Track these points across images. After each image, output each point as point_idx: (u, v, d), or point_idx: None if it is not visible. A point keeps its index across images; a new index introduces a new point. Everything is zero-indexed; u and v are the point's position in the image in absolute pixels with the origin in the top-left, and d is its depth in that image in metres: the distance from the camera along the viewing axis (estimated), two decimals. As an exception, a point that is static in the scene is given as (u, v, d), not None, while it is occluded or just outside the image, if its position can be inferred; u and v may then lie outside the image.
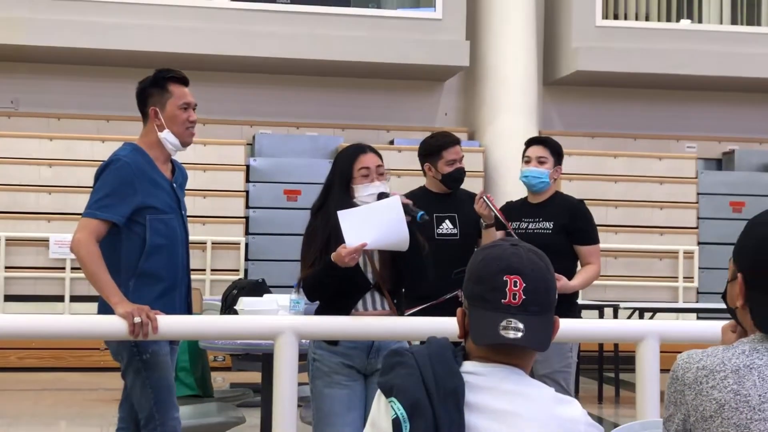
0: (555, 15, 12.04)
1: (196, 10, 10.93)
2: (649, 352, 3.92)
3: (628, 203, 11.49)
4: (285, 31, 10.93)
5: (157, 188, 3.94)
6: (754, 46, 11.78)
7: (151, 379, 3.87)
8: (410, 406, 1.92)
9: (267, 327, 3.87)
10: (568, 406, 2.00)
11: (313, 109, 11.74)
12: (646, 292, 11.29)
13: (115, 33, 10.51)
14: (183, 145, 4.05)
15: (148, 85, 4.04)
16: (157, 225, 3.91)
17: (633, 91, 12.25)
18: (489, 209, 4.66)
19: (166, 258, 3.94)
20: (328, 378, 3.88)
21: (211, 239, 10.65)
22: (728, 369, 1.97)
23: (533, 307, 1.98)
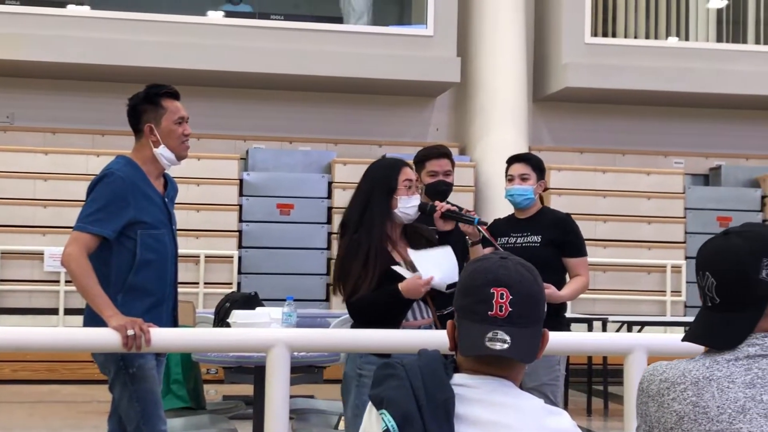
0: (545, 32, 12.09)
1: (190, 26, 10.95)
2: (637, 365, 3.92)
3: (617, 218, 11.51)
4: (278, 47, 10.95)
5: (149, 203, 3.92)
6: (740, 63, 11.84)
7: (138, 392, 3.85)
8: (401, 418, 1.91)
9: (259, 340, 3.85)
10: (558, 417, 1.99)
11: (306, 124, 11.75)
12: (634, 305, 11.30)
13: (109, 48, 10.52)
14: (178, 159, 4.04)
15: (140, 101, 4.02)
16: (147, 240, 3.89)
17: (621, 108, 12.29)
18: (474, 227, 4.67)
19: (155, 273, 3.92)
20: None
21: (204, 253, 10.64)
22: (688, 381, 1.97)
23: (520, 320, 1.98)
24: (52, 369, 9.82)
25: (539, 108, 12.24)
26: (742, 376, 1.94)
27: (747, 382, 1.93)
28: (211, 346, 4.22)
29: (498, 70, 11.35)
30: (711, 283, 2.03)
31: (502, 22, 11.40)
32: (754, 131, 12.60)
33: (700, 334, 2.06)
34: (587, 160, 12.05)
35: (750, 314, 2.00)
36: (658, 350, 4.05)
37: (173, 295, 4.05)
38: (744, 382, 1.93)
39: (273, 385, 3.70)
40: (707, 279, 2.04)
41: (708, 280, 2.04)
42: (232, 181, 10.97)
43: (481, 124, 11.47)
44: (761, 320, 2.01)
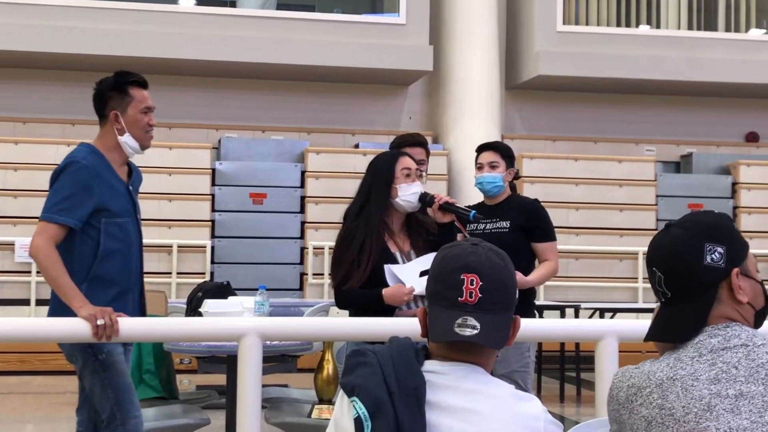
0: (517, 20, 12.10)
1: (162, 14, 10.88)
2: (608, 351, 3.93)
3: (589, 205, 11.55)
4: (250, 35, 10.90)
5: (112, 191, 3.89)
6: (711, 51, 11.90)
7: (110, 378, 3.83)
8: (372, 405, 1.91)
9: (231, 329, 3.84)
10: (528, 403, 2.00)
11: (279, 113, 11.72)
12: (606, 292, 11.35)
13: (81, 37, 10.45)
14: (142, 148, 4.01)
15: (107, 88, 3.98)
16: (111, 229, 3.86)
17: (593, 96, 12.33)
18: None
19: (119, 262, 3.89)
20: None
21: (177, 242, 10.60)
22: (653, 384, 1.95)
23: (490, 306, 1.98)
24: (23, 360, 9.75)
25: (512, 96, 12.27)
26: (706, 372, 1.92)
27: (711, 378, 1.91)
28: (183, 336, 4.20)
29: (470, 59, 11.36)
30: (659, 278, 2.02)
31: (475, 11, 11.40)
32: (725, 119, 12.68)
33: (657, 331, 2.05)
34: (560, 148, 12.09)
35: (702, 303, 1.99)
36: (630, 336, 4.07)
37: (139, 285, 4.03)
38: (708, 379, 1.91)
39: (245, 375, 3.69)
40: (655, 274, 2.04)
41: (656, 275, 2.03)
42: (205, 171, 10.92)
43: (454, 112, 11.48)
44: (716, 307, 2.00)
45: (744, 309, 2.01)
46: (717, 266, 1.99)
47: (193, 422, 5.21)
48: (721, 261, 1.99)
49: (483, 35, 11.42)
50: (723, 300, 2.00)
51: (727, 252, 1.99)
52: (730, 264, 2.00)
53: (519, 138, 11.91)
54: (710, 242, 1.99)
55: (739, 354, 1.93)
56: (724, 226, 2.04)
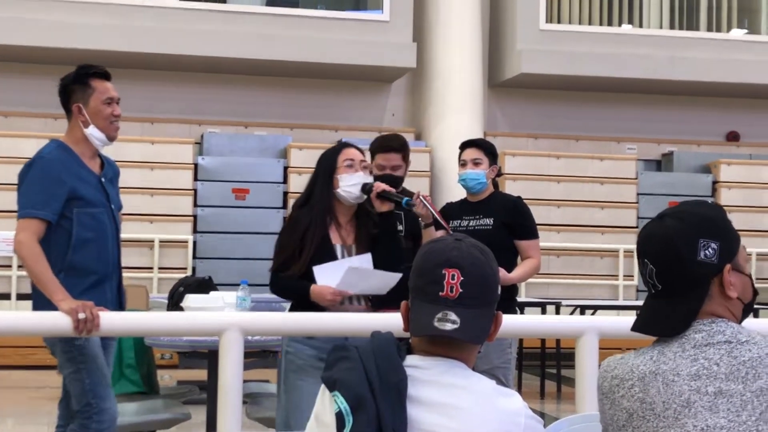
0: (500, 18, 12.11)
1: (144, 9, 10.84)
2: (588, 348, 3.95)
3: (570, 203, 11.58)
4: (234, 30, 10.88)
5: (83, 182, 3.92)
6: (692, 50, 11.94)
7: (87, 367, 3.84)
8: (353, 400, 1.91)
9: (212, 323, 3.83)
10: (509, 398, 1.99)
11: (262, 108, 11.70)
12: (587, 289, 11.39)
13: (62, 31, 10.40)
14: (109, 139, 4.04)
15: (70, 81, 4.01)
16: (84, 218, 3.88)
17: (575, 94, 12.36)
18: (426, 209, 4.68)
19: (94, 251, 3.91)
20: (301, 371, 3.89)
21: (158, 237, 10.57)
22: (635, 377, 1.95)
23: (470, 301, 1.98)
24: (3, 354, 9.71)
25: (494, 94, 12.28)
26: (688, 368, 1.91)
27: (692, 374, 1.90)
28: (164, 330, 4.19)
29: (453, 56, 11.37)
30: (651, 270, 2.00)
31: (458, 8, 11.41)
32: (706, 118, 12.73)
33: (645, 323, 2.03)
34: (541, 146, 12.11)
35: (693, 298, 1.98)
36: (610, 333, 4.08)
37: (117, 275, 4.04)
38: (689, 374, 1.90)
39: (226, 369, 3.68)
40: (647, 266, 2.01)
41: (647, 267, 2.00)
42: (187, 166, 10.89)
43: (437, 109, 11.49)
44: (707, 303, 1.99)
45: (732, 304, 2.00)
46: (710, 262, 1.96)
47: (173, 417, 5.20)
48: (714, 257, 1.97)
49: (466, 32, 11.43)
50: (713, 295, 1.98)
51: (720, 247, 1.97)
52: (722, 260, 1.98)
53: (501, 135, 11.92)
54: (705, 237, 1.97)
55: (722, 351, 1.92)
56: (720, 219, 2.01)
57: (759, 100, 12.72)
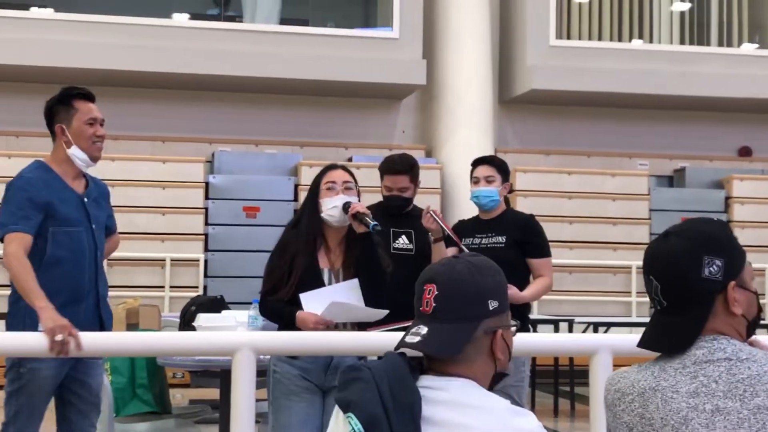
0: (510, 34, 12.13)
1: (154, 28, 10.89)
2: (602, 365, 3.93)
3: (582, 219, 11.56)
4: (244, 49, 10.91)
5: (62, 202, 3.94)
6: (703, 65, 11.93)
7: (21, 392, 3.85)
8: (367, 421, 1.91)
9: (225, 343, 3.83)
10: (524, 418, 1.99)
11: (272, 126, 11.72)
12: (600, 306, 11.35)
13: (72, 51, 10.44)
14: (92, 159, 4.05)
15: (54, 102, 4.05)
16: (59, 237, 3.91)
17: (586, 110, 12.35)
18: (436, 223, 4.69)
19: (68, 271, 3.91)
20: (287, 391, 3.89)
21: (170, 256, 10.58)
22: (635, 392, 1.97)
23: (444, 314, 2.01)
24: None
25: (505, 110, 12.28)
26: (687, 385, 1.92)
27: (691, 392, 1.91)
28: (177, 350, 4.20)
29: (463, 73, 11.38)
30: (656, 287, 2.01)
31: (468, 24, 11.43)
32: (718, 133, 12.70)
33: (651, 339, 2.04)
34: (553, 162, 12.10)
35: (696, 315, 1.98)
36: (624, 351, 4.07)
37: (95, 295, 4.02)
38: (688, 392, 1.91)
39: (239, 389, 3.68)
40: (652, 283, 2.02)
41: (653, 284, 2.01)
42: (198, 184, 10.91)
43: (447, 126, 11.49)
44: (710, 320, 1.99)
45: (737, 321, 2.00)
46: (714, 279, 1.97)
47: (186, 437, 5.21)
48: (719, 274, 1.97)
49: (476, 49, 11.44)
50: (717, 312, 1.99)
51: (725, 264, 1.98)
52: (727, 277, 1.98)
53: (512, 152, 11.91)
54: (709, 255, 1.97)
55: (721, 368, 1.92)
56: (724, 237, 2.02)
57: (771, 115, 12.70)
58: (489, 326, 2.03)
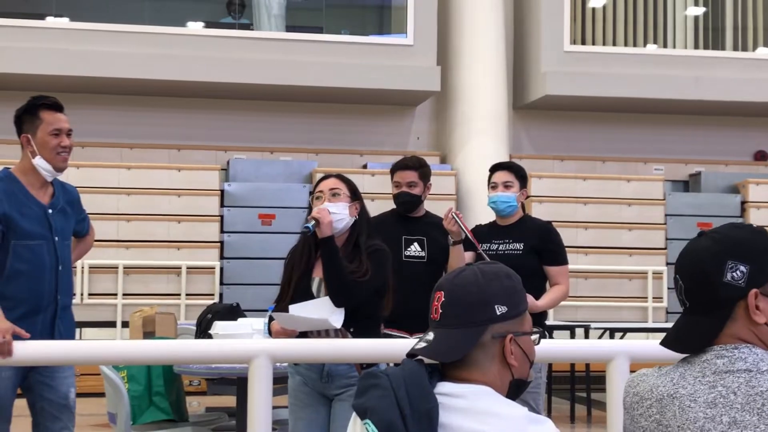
0: (524, 40, 12.12)
1: (169, 36, 10.93)
2: (619, 372, 3.92)
3: (598, 225, 11.54)
4: (259, 57, 10.94)
5: (23, 215, 3.94)
6: (718, 70, 11.90)
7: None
8: (384, 428, 1.91)
9: (241, 351, 3.84)
10: (541, 425, 1.98)
11: (287, 134, 11.74)
12: (616, 312, 11.32)
13: (88, 60, 10.48)
14: (56, 170, 4.04)
15: (21, 112, 4.05)
16: (20, 250, 3.92)
17: (601, 115, 12.33)
18: (458, 226, 4.69)
19: (27, 283, 3.92)
20: (293, 397, 3.96)
21: (185, 264, 10.61)
22: (654, 398, 1.96)
23: (449, 320, 2.01)
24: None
25: (519, 116, 12.28)
26: (705, 395, 1.90)
27: (709, 402, 1.89)
28: (194, 358, 4.21)
29: (478, 79, 11.38)
30: (681, 287, 2.00)
31: (481, 31, 11.43)
32: (733, 137, 12.67)
33: (670, 339, 2.03)
34: (568, 168, 12.08)
35: (715, 318, 1.96)
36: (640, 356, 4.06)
37: (54, 307, 4.02)
38: (706, 402, 1.89)
39: (255, 396, 3.69)
40: (678, 282, 2.01)
41: (678, 283, 2.01)
42: (213, 192, 10.94)
43: (462, 132, 11.49)
44: (732, 326, 1.96)
45: (760, 330, 1.96)
46: (736, 284, 1.94)
47: (203, 444, 5.21)
48: (742, 280, 1.94)
49: (490, 55, 11.44)
50: (738, 319, 1.95)
51: (750, 271, 1.94)
52: (751, 284, 1.94)
53: (527, 158, 11.90)
54: (734, 259, 1.94)
55: (741, 379, 1.89)
56: (754, 243, 1.98)
57: (787, 119, 12.66)
58: (497, 331, 2.02)
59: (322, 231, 3.83)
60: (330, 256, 3.82)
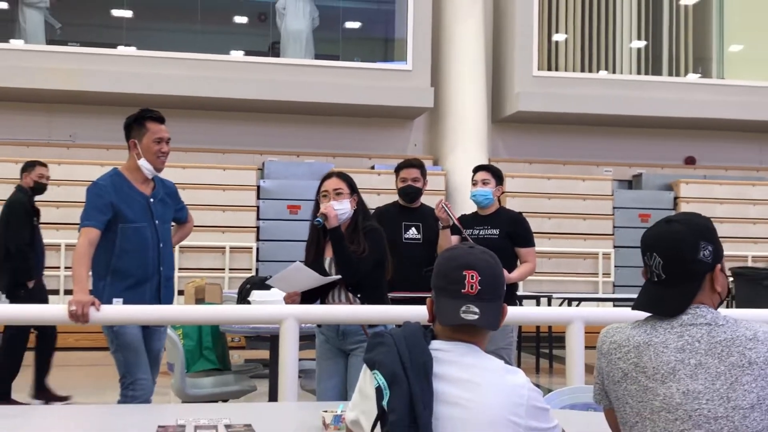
0: (501, 67, 12.10)
1: (216, 62, 10.93)
2: (576, 333, 3.93)
3: (559, 215, 11.53)
4: (288, 79, 10.94)
5: (129, 203, 3.92)
6: (656, 91, 11.88)
7: (120, 345, 3.88)
8: (389, 377, 1.91)
9: (274, 314, 3.85)
10: (515, 374, 1.99)
11: (310, 141, 11.74)
12: (573, 285, 11.32)
13: (151, 80, 10.49)
14: (156, 170, 4.02)
15: (131, 121, 4.03)
16: (127, 232, 3.90)
17: (563, 127, 12.31)
18: (446, 214, 4.71)
19: (135, 258, 3.91)
20: (318, 352, 3.93)
21: (229, 245, 10.62)
22: (631, 344, 1.96)
23: (487, 296, 1.98)
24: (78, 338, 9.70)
25: (497, 128, 12.26)
26: (675, 342, 1.92)
27: (678, 348, 1.91)
28: (235, 319, 4.23)
29: (464, 98, 11.37)
30: (658, 263, 1.99)
31: (467, 59, 11.41)
32: (668, 145, 12.65)
33: (648, 303, 2.02)
34: (535, 169, 12.07)
35: (690, 288, 1.98)
36: (593, 320, 4.06)
37: (157, 278, 4.00)
38: (675, 347, 1.91)
39: (285, 350, 3.70)
40: (654, 258, 2.00)
41: (655, 259, 2.00)
42: (251, 188, 10.94)
43: (451, 140, 11.48)
44: (699, 294, 1.99)
45: (714, 297, 2.01)
46: (706, 261, 1.98)
47: (243, 389, 5.22)
48: (710, 257, 1.98)
49: (473, 79, 11.42)
50: (704, 288, 1.99)
51: (713, 250, 1.99)
52: (714, 260, 1.99)
53: (503, 161, 11.89)
54: (704, 241, 1.98)
55: (703, 331, 1.93)
56: (712, 228, 2.03)
57: (711, 131, 12.62)
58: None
59: (329, 223, 3.81)
60: (337, 242, 3.82)
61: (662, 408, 1.88)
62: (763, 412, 1.85)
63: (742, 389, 1.85)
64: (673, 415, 1.87)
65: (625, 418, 1.95)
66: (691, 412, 1.85)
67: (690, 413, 1.85)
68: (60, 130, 11.21)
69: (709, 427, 1.84)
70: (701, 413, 1.85)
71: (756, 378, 1.86)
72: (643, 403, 1.90)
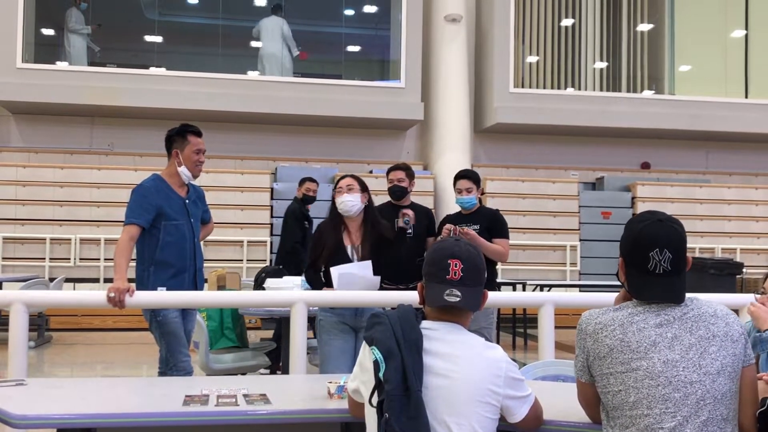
0: (482, 84, 12.10)
1: (235, 81, 10.91)
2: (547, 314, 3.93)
3: (532, 213, 11.53)
4: (297, 95, 10.92)
5: (169, 203, 3.94)
6: (616, 105, 11.89)
7: (164, 333, 3.88)
8: (385, 352, 1.93)
9: (286, 299, 3.85)
10: (494, 350, 2.00)
11: (317, 148, 11.73)
12: (545, 273, 11.33)
13: (179, 97, 10.47)
14: (193, 176, 4.06)
15: (174, 133, 4.05)
16: (169, 228, 3.92)
17: (536, 137, 12.32)
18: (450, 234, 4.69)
19: (175, 251, 3.93)
20: (328, 332, 3.88)
21: (246, 239, 10.61)
22: (616, 323, 1.97)
23: (468, 281, 2.00)
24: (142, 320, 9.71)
25: (478, 137, 12.26)
26: (654, 319, 1.95)
27: (657, 324, 1.94)
28: (252, 303, 4.22)
29: (450, 111, 11.37)
30: (668, 257, 1.96)
31: (452, 78, 11.41)
32: (627, 152, 12.65)
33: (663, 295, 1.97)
34: (512, 173, 12.07)
35: (684, 276, 2.00)
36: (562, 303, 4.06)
37: (194, 268, 4.02)
38: (655, 324, 1.94)
39: (295, 330, 3.70)
40: (665, 254, 1.96)
41: (666, 254, 1.96)
42: (266, 189, 10.93)
43: (438, 148, 11.48)
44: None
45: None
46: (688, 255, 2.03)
47: (259, 364, 5.22)
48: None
49: (458, 95, 11.42)
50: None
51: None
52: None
53: (484, 166, 11.90)
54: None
55: (676, 309, 1.97)
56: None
57: (663, 140, 12.63)
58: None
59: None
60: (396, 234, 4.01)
61: (645, 376, 1.90)
62: (726, 377, 1.89)
63: (710, 357, 1.90)
64: (656, 381, 1.89)
65: (608, 388, 1.95)
66: (671, 378, 1.88)
67: (670, 379, 1.88)
68: (100, 140, 11.19)
69: (686, 391, 1.87)
70: (679, 378, 1.88)
71: (719, 348, 1.91)
72: (627, 373, 1.91)
